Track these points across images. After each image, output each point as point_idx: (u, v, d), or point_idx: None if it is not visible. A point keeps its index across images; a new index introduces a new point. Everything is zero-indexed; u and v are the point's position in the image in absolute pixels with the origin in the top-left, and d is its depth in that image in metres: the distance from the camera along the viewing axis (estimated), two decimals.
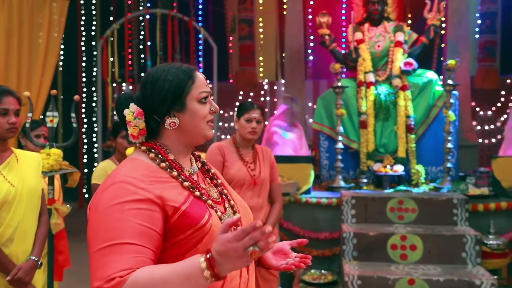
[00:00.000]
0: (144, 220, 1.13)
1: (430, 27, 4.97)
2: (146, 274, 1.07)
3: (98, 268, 1.09)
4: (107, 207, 1.14)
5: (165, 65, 1.31)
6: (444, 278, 3.15)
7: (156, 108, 1.27)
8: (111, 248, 1.10)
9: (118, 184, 1.17)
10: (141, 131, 1.29)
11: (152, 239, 1.14)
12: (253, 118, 2.77)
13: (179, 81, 1.26)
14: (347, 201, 3.86)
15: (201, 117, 1.29)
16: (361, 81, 4.90)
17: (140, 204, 1.14)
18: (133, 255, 1.10)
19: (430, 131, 4.84)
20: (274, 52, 8.46)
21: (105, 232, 1.12)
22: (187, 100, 1.27)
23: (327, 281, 3.73)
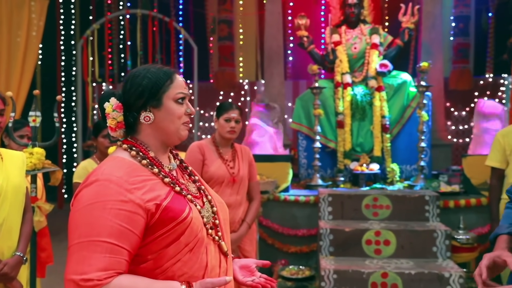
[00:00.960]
0: (123, 221, 1.19)
1: (404, 30, 5.14)
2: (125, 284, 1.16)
3: (73, 261, 1.16)
4: (89, 203, 1.20)
5: (148, 65, 1.39)
6: (416, 271, 3.30)
7: (133, 102, 1.33)
8: (88, 244, 1.16)
9: (102, 182, 1.23)
10: (118, 124, 1.34)
11: (129, 240, 1.20)
12: (232, 118, 2.87)
13: (157, 79, 1.33)
14: (324, 199, 3.98)
15: (176, 116, 1.34)
16: (338, 82, 5.03)
17: (122, 205, 1.20)
18: (109, 254, 1.16)
19: (405, 131, 4.99)
20: (254, 53, 8.55)
21: (84, 227, 1.18)
22: (163, 98, 1.33)
23: (305, 276, 3.84)
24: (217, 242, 1.38)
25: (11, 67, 5.58)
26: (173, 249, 1.26)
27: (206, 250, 1.32)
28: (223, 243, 1.40)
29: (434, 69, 5.52)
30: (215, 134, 2.96)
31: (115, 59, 8.72)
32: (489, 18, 8.12)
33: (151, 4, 8.47)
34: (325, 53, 5.24)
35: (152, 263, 1.25)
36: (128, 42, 7.85)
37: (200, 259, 1.30)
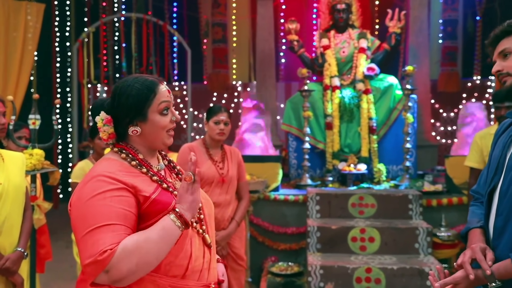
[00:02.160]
0: (123, 204, 1.36)
1: (391, 34, 5.30)
2: (132, 239, 1.31)
3: (88, 247, 1.30)
4: (91, 197, 1.36)
5: (132, 78, 1.51)
6: (398, 266, 3.46)
7: (121, 118, 1.48)
8: (100, 229, 1.31)
9: (96, 178, 1.39)
10: (110, 136, 1.51)
11: (130, 220, 1.37)
12: (221, 121, 3.02)
13: (141, 95, 1.46)
14: (312, 198, 4.14)
15: (161, 127, 1.49)
16: (327, 85, 5.18)
17: (118, 192, 1.37)
18: (118, 232, 1.32)
19: (391, 132, 5.14)
20: (247, 55, 8.71)
21: (92, 217, 1.33)
22: (148, 112, 1.47)
23: (293, 272, 4.00)
24: (201, 235, 1.53)
25: (8, 69, 5.69)
26: None
27: (190, 242, 1.48)
28: (207, 236, 1.55)
29: (420, 72, 5.69)
30: (206, 136, 3.11)
31: (110, 61, 8.84)
32: (476, 22, 8.31)
33: (145, 7, 8.61)
34: (315, 57, 5.40)
35: None
36: (123, 44, 7.99)
37: (184, 249, 1.45)
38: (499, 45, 1.68)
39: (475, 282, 1.58)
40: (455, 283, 1.60)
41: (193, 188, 1.41)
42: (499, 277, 1.52)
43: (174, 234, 1.36)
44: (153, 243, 1.32)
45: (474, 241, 1.68)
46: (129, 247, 1.29)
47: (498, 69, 1.68)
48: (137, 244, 1.30)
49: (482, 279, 1.55)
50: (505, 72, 1.65)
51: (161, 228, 1.35)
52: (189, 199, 1.39)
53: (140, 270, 1.31)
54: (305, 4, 8.13)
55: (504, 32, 1.67)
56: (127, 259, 1.28)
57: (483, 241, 1.67)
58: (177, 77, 8.25)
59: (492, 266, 1.53)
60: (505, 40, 1.66)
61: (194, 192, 1.41)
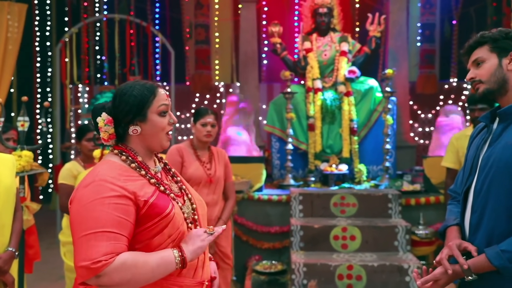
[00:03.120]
0: (121, 212, 1.41)
1: (372, 38, 5.44)
2: (133, 257, 1.39)
3: (83, 250, 1.36)
4: (91, 201, 1.41)
5: (133, 82, 1.59)
6: (378, 263, 3.58)
7: (122, 117, 1.55)
8: (95, 235, 1.37)
9: (98, 182, 1.44)
10: (110, 136, 1.57)
11: (127, 228, 1.42)
12: (208, 123, 3.10)
13: (142, 96, 1.54)
14: (295, 198, 4.24)
15: (160, 128, 1.57)
16: (309, 87, 5.29)
17: (117, 200, 1.42)
18: (113, 241, 1.38)
19: (372, 134, 5.26)
20: (229, 56, 8.78)
21: (89, 221, 1.39)
22: (148, 113, 1.55)
23: (277, 270, 4.09)
24: None
25: None
26: (158, 240, 1.48)
27: None
28: None
29: (399, 74, 5.85)
30: (193, 137, 3.18)
31: (91, 62, 8.81)
32: (453, 25, 8.55)
33: (128, 8, 8.60)
34: (297, 60, 5.50)
35: (140, 251, 1.47)
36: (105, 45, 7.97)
37: None
38: (472, 54, 1.80)
39: (454, 276, 1.69)
40: (435, 279, 1.71)
41: (206, 238, 1.54)
42: (475, 271, 1.64)
43: (170, 268, 1.45)
44: (149, 268, 1.40)
45: (451, 239, 1.80)
46: (128, 264, 1.37)
47: (471, 76, 1.80)
48: (135, 264, 1.38)
49: (459, 273, 1.67)
50: (477, 80, 1.77)
51: (161, 258, 1.43)
52: (198, 245, 1.50)
53: (128, 286, 1.39)
54: (287, 7, 8.25)
55: (477, 42, 1.79)
56: (123, 273, 1.36)
57: (459, 238, 1.79)
58: (159, 78, 8.27)
59: (468, 261, 1.65)
60: (478, 50, 1.78)
61: (205, 241, 1.52)
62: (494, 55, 1.75)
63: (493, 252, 1.60)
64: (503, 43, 1.74)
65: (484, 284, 1.68)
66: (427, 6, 8.25)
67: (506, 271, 1.58)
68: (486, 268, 1.62)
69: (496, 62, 1.74)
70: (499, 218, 1.65)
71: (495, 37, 1.75)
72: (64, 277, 4.59)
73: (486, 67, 1.75)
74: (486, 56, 1.76)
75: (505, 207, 1.65)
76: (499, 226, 1.65)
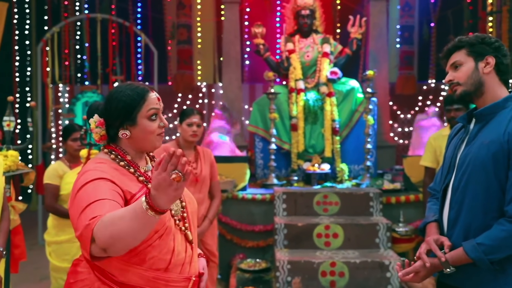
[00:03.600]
0: (111, 188, 1.48)
1: (353, 40, 5.54)
2: (109, 215, 1.35)
3: (82, 220, 1.38)
4: (83, 184, 1.48)
5: (125, 85, 1.62)
6: (360, 260, 3.68)
7: (112, 121, 1.60)
8: (90, 205, 1.41)
9: (88, 172, 1.52)
10: (102, 137, 1.62)
11: (119, 198, 1.47)
12: (194, 123, 3.14)
13: (132, 101, 1.58)
14: (279, 197, 4.31)
15: (149, 132, 1.60)
16: (292, 88, 5.37)
17: (106, 181, 1.49)
18: (106, 205, 1.41)
19: (353, 133, 5.37)
20: (211, 57, 8.80)
21: (86, 198, 1.44)
22: (138, 117, 1.58)
23: (261, 268, 4.15)
24: (184, 232, 1.65)
25: None
26: None
27: (173, 238, 1.59)
28: (189, 232, 1.67)
29: (380, 75, 5.97)
30: (179, 137, 3.22)
31: (72, 61, 8.73)
32: (431, 28, 8.75)
33: (109, 8, 8.55)
34: (280, 61, 5.58)
35: None
36: (86, 44, 7.92)
37: (168, 245, 1.56)
38: (451, 58, 1.89)
39: (433, 269, 1.78)
40: (415, 271, 1.80)
41: (178, 185, 1.27)
42: (453, 263, 1.73)
43: (145, 217, 1.30)
44: (126, 222, 1.31)
45: (429, 234, 1.89)
46: (104, 220, 1.33)
47: (449, 79, 1.89)
48: (112, 220, 1.33)
49: (438, 266, 1.76)
50: (455, 82, 1.87)
51: (133, 210, 1.32)
52: (171, 195, 1.27)
53: (117, 243, 1.33)
54: (269, 9, 8.32)
55: (455, 47, 1.88)
56: (103, 230, 1.32)
57: (438, 233, 1.88)
58: (141, 78, 8.26)
59: (447, 254, 1.74)
60: (456, 54, 1.88)
61: (179, 189, 1.28)
62: (471, 59, 1.84)
63: (470, 245, 1.70)
64: (479, 47, 1.83)
65: (462, 276, 1.77)
66: (406, 8, 8.43)
67: (482, 263, 1.67)
68: (463, 260, 1.71)
69: (472, 66, 1.83)
70: (476, 214, 1.75)
71: (471, 42, 1.85)
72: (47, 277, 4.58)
73: (463, 70, 1.84)
74: (464, 59, 1.85)
75: (481, 203, 1.74)
76: (476, 221, 1.74)
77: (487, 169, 1.72)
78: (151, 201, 1.27)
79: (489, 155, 1.71)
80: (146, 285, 1.51)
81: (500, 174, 1.70)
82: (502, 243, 1.65)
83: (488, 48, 1.83)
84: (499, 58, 1.82)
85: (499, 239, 1.65)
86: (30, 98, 8.66)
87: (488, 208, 1.73)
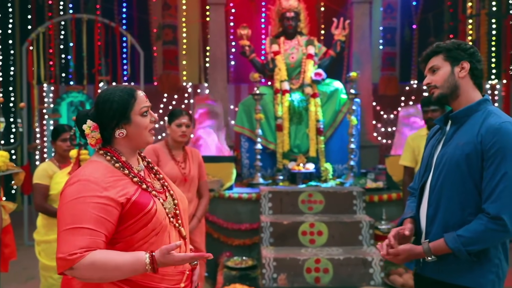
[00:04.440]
0: (99, 211, 1.52)
1: (336, 42, 5.65)
2: (103, 258, 1.48)
3: (62, 244, 1.48)
4: (73, 199, 1.53)
5: (112, 88, 1.70)
6: (344, 256, 3.79)
7: (107, 123, 1.66)
8: (73, 230, 1.49)
9: (82, 182, 1.56)
10: (97, 140, 1.69)
11: (105, 226, 1.53)
12: (183, 123, 3.21)
13: (124, 101, 1.66)
14: (265, 196, 4.40)
15: (143, 127, 1.69)
16: (277, 89, 5.46)
17: (98, 199, 1.53)
18: (89, 236, 1.49)
19: (337, 134, 5.47)
20: (197, 57, 8.86)
21: (69, 217, 1.51)
22: (131, 115, 1.67)
23: (248, 265, 4.23)
24: (177, 228, 1.74)
25: None
26: (142, 233, 1.60)
27: (169, 235, 1.67)
28: (182, 228, 1.76)
29: (363, 77, 6.10)
30: (168, 138, 3.28)
31: (57, 61, 8.70)
32: (413, 30, 8.93)
33: (94, 8, 8.55)
34: (265, 62, 5.67)
35: (124, 244, 1.59)
36: (71, 44, 7.90)
37: (163, 242, 1.64)
38: (429, 62, 2.01)
39: (413, 254, 1.92)
40: (397, 253, 1.93)
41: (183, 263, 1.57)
42: (434, 252, 1.87)
43: (141, 271, 1.51)
44: (120, 272, 1.49)
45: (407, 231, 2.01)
46: (97, 264, 1.46)
47: (428, 82, 2.01)
48: (105, 266, 1.47)
49: (420, 253, 1.89)
50: (433, 85, 1.98)
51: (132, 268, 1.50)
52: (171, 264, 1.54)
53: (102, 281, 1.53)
54: (254, 10, 8.40)
55: (434, 52, 2.00)
56: (92, 271, 1.47)
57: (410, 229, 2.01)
58: (127, 78, 8.27)
59: (430, 244, 1.87)
60: (434, 58, 1.99)
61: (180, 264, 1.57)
62: (448, 64, 1.95)
63: (450, 237, 1.82)
64: (455, 53, 1.95)
65: (438, 268, 1.89)
66: (388, 10, 8.60)
67: (460, 253, 1.79)
68: (443, 250, 1.84)
69: (449, 70, 1.95)
70: (453, 211, 1.87)
71: (448, 47, 1.96)
72: (33, 277, 4.60)
73: (440, 74, 1.96)
74: (441, 64, 1.96)
75: (457, 201, 1.85)
76: (453, 218, 1.86)
77: (461, 168, 1.83)
78: (156, 266, 1.50)
79: (463, 155, 1.83)
80: (143, 279, 1.58)
81: (474, 174, 1.82)
82: (480, 236, 1.78)
83: (464, 54, 1.94)
84: (474, 64, 1.94)
85: (477, 232, 1.78)
86: (13, 98, 8.61)
87: (464, 205, 1.85)
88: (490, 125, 1.81)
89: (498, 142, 1.76)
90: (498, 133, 1.77)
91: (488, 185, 1.78)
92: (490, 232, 1.76)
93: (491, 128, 1.80)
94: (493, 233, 1.76)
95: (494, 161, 1.76)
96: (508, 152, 1.75)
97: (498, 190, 1.75)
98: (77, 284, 1.60)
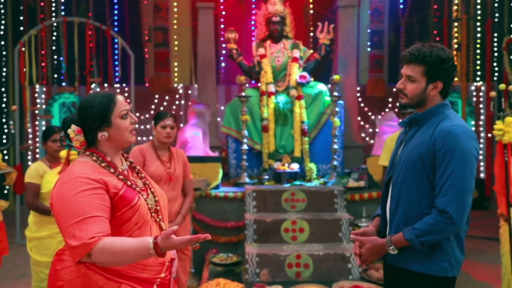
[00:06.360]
0: (101, 200, 1.69)
1: (321, 45, 5.83)
2: (111, 241, 1.63)
3: (77, 233, 1.62)
4: (73, 194, 1.68)
5: (93, 94, 1.86)
6: (324, 252, 3.96)
7: (90, 126, 1.82)
8: (85, 220, 1.64)
9: (74, 179, 1.72)
10: (82, 143, 1.85)
11: (107, 212, 1.70)
12: (167, 125, 3.37)
13: (104, 105, 1.81)
14: (249, 194, 4.56)
15: (124, 128, 1.85)
16: (263, 91, 5.62)
17: (95, 191, 1.70)
18: (101, 223, 1.65)
19: (321, 134, 5.63)
20: (188, 59, 9.00)
21: (76, 211, 1.65)
22: (112, 118, 1.82)
23: (233, 261, 4.40)
24: (158, 223, 1.90)
25: None
26: (127, 227, 1.77)
27: (150, 229, 1.84)
28: (162, 223, 1.92)
29: (348, 79, 6.28)
30: (154, 139, 3.44)
31: (49, 62, 8.81)
32: (400, 33, 9.13)
33: (86, 10, 8.67)
34: (252, 65, 5.83)
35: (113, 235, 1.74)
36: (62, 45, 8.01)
37: (145, 234, 1.80)
38: (410, 66, 2.05)
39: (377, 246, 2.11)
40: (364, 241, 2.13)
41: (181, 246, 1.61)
42: (394, 244, 2.05)
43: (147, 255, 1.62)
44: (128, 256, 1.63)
45: (370, 225, 2.26)
46: (106, 249, 1.61)
47: (401, 87, 2.10)
48: (113, 251, 1.61)
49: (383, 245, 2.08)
50: (404, 92, 2.10)
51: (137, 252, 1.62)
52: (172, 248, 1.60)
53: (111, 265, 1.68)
54: (244, 13, 8.56)
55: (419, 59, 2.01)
56: (104, 256, 1.61)
57: (374, 225, 2.24)
58: (118, 80, 8.40)
59: (392, 237, 2.06)
60: (415, 66, 2.03)
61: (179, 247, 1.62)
62: (424, 80, 2.04)
63: (407, 229, 2.01)
64: (435, 71, 2.01)
65: (401, 257, 2.08)
66: (375, 14, 8.80)
67: (414, 243, 1.98)
68: (402, 242, 2.03)
69: (423, 86, 2.04)
70: (411, 204, 2.05)
71: (432, 62, 1.99)
72: (25, 275, 4.73)
73: (414, 86, 2.05)
74: (418, 78, 2.04)
75: (414, 195, 2.04)
76: (412, 210, 2.05)
77: (417, 166, 2.01)
78: (159, 250, 1.59)
79: (418, 154, 2.01)
80: (127, 269, 1.75)
81: (428, 171, 2.00)
82: (431, 228, 1.96)
83: (442, 73, 2.02)
84: (447, 83, 2.06)
85: (428, 225, 1.96)
86: (5, 99, 8.72)
87: (420, 199, 2.03)
88: (442, 127, 1.98)
89: (447, 144, 1.94)
90: (447, 135, 1.95)
91: (438, 182, 1.96)
92: (439, 225, 1.94)
93: (443, 130, 1.97)
94: (442, 225, 1.94)
95: (444, 160, 1.94)
96: (456, 152, 1.93)
97: (446, 186, 1.93)
98: (65, 274, 1.76)
